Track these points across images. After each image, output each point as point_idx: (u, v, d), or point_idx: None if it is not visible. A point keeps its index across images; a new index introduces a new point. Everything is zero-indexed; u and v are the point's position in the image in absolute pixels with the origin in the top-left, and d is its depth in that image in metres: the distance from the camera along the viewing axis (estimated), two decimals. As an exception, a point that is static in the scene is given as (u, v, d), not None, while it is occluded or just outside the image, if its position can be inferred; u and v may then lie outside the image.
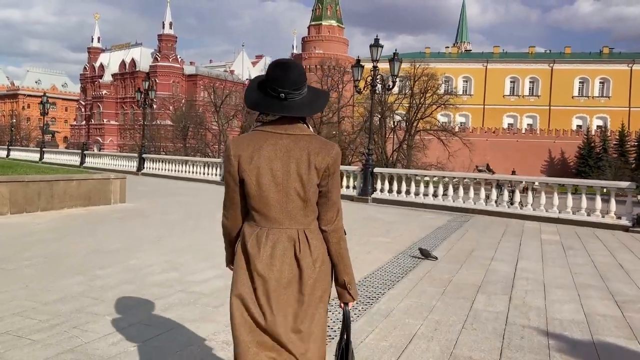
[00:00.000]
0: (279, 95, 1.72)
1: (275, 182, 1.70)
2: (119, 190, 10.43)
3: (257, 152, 1.71)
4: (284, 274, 1.72)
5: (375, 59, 13.55)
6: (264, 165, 1.70)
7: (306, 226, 1.76)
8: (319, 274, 1.76)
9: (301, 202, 1.72)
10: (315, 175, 1.71)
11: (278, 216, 1.73)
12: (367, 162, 13.73)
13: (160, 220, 8.58)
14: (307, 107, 1.76)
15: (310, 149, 1.71)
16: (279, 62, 1.77)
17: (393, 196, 13.29)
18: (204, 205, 11.06)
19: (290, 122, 1.75)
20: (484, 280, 5.29)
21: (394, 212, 11.49)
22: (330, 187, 1.76)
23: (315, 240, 1.76)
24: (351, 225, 9.06)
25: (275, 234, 1.73)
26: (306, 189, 1.71)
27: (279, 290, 1.72)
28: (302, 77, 1.75)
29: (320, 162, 1.71)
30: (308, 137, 1.74)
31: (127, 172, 22.20)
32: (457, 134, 47.62)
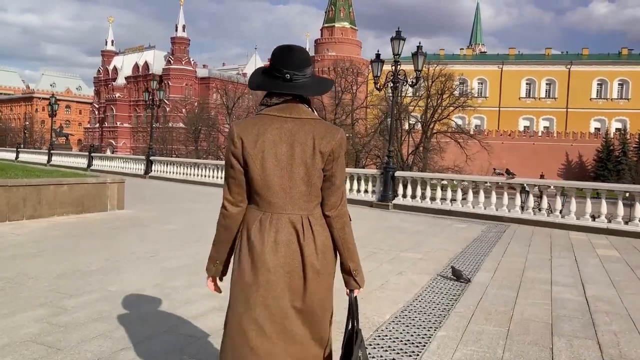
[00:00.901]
0: (283, 76, 1.71)
1: (279, 166, 1.68)
2: (117, 196, 9.48)
3: (262, 136, 1.68)
4: (287, 260, 1.69)
5: (396, 53, 12.46)
6: (268, 149, 1.67)
7: (310, 212, 1.73)
8: (322, 262, 1.73)
9: (305, 187, 1.70)
10: (319, 159, 1.68)
11: (281, 201, 1.70)
12: (388, 165, 12.64)
13: (158, 231, 7.59)
14: (311, 88, 1.73)
15: (315, 133, 1.69)
16: (284, 45, 1.76)
17: (416, 202, 12.16)
18: (209, 212, 10.04)
19: (295, 107, 1.71)
20: (553, 314, 4.17)
21: (420, 221, 10.37)
22: (334, 172, 1.73)
23: (318, 227, 1.73)
24: (374, 236, 7.98)
25: (278, 219, 1.70)
26: (310, 174, 1.69)
27: (284, 276, 1.69)
28: (306, 59, 1.75)
29: (325, 146, 1.68)
30: (313, 121, 1.71)
31: (135, 175, 21.43)
32: (475, 136, 46.27)
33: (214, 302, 4.04)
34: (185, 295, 4.20)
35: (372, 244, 7.18)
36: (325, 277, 1.75)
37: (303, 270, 1.70)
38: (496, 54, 77.95)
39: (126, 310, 3.76)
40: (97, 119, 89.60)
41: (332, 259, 1.78)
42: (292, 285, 1.70)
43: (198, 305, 3.95)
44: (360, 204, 12.87)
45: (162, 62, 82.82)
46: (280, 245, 1.69)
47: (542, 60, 71.82)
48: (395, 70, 12.49)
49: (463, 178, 11.95)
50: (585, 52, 71.36)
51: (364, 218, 10.32)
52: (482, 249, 7.21)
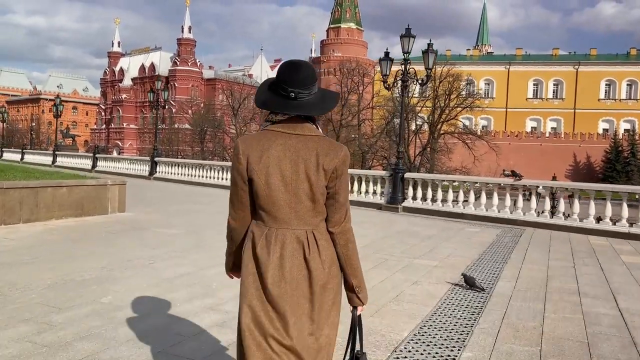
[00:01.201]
0: (289, 94, 1.71)
1: (284, 182, 1.69)
2: (118, 198, 9.17)
3: (267, 152, 1.69)
4: (293, 275, 1.69)
5: (406, 51, 12.07)
6: (273, 165, 1.69)
7: (315, 227, 1.73)
8: (329, 276, 1.73)
9: (310, 203, 1.70)
10: (323, 176, 1.69)
11: (287, 216, 1.70)
12: (397, 167, 12.25)
13: (159, 235, 7.25)
14: (316, 107, 1.74)
15: (319, 150, 1.69)
16: (289, 62, 1.77)
17: (427, 205, 11.76)
18: (212, 215, 9.73)
19: (299, 122, 1.73)
20: (588, 331, 3.78)
21: (431, 224, 9.98)
22: (337, 189, 1.73)
23: (323, 241, 1.73)
24: (385, 241, 7.60)
25: (284, 235, 1.71)
26: (314, 190, 1.69)
27: (290, 292, 1.69)
28: (311, 76, 1.74)
29: (328, 164, 1.68)
30: (317, 138, 1.72)
31: (139, 176, 21.17)
32: (483, 137, 45.75)
33: (215, 316, 3.70)
34: (183, 309, 3.86)
35: (383, 250, 6.81)
36: (330, 291, 1.75)
37: (309, 284, 1.71)
38: (503, 55, 77.39)
39: (118, 326, 3.42)
40: (104, 120, 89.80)
41: (338, 273, 1.78)
42: (299, 300, 1.71)
43: (198, 320, 3.60)
44: (369, 207, 12.49)
45: (169, 64, 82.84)
46: (286, 260, 1.69)
47: (549, 60, 71.31)
48: (405, 69, 12.10)
49: (476, 180, 11.53)
50: (593, 52, 70.81)
51: (373, 221, 9.95)
52: (500, 256, 6.82)
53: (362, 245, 7.22)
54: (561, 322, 3.96)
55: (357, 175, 13.54)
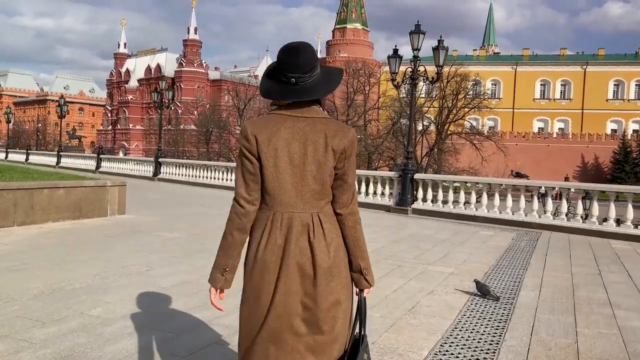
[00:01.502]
0: (289, 80, 1.69)
1: (292, 164, 1.68)
2: (117, 200, 8.85)
3: (275, 135, 1.67)
4: (296, 258, 1.67)
5: (416, 47, 11.68)
6: (281, 147, 1.67)
7: (320, 210, 1.71)
8: (334, 259, 1.71)
9: (317, 186, 1.69)
10: (332, 157, 1.68)
11: (292, 200, 1.69)
12: (406, 167, 11.85)
13: (159, 239, 6.91)
14: (319, 89, 1.72)
15: (327, 131, 1.68)
16: (288, 46, 1.73)
17: (437, 206, 11.35)
18: (215, 218, 9.39)
19: (305, 106, 1.72)
20: (628, 350, 3.39)
21: (442, 227, 9.58)
22: (346, 170, 1.72)
23: (329, 224, 1.72)
24: (397, 246, 7.21)
25: (289, 218, 1.69)
26: (322, 172, 1.69)
27: (290, 273, 1.67)
28: (312, 59, 1.71)
29: (337, 145, 1.68)
30: (325, 120, 1.71)
31: (143, 177, 20.92)
32: (492, 137, 45.24)
33: (215, 332, 3.34)
34: (180, 323, 3.51)
35: (395, 255, 6.44)
36: (337, 275, 1.72)
37: (313, 268, 1.68)
38: (510, 55, 76.75)
39: (105, 345, 3.07)
40: (110, 121, 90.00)
41: (344, 257, 1.76)
42: (304, 284, 1.69)
43: (195, 336, 3.25)
44: (377, 208, 12.11)
45: (174, 65, 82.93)
46: (290, 243, 1.68)
47: (556, 60, 70.70)
48: (414, 66, 11.70)
49: (489, 181, 11.10)
50: (601, 52, 70.10)
51: (382, 224, 9.57)
52: (518, 261, 6.42)
53: (372, 249, 6.88)
54: (597, 339, 3.57)
55: (364, 176, 13.16)
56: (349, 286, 1.76)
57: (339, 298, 1.71)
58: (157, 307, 3.87)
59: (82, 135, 64.38)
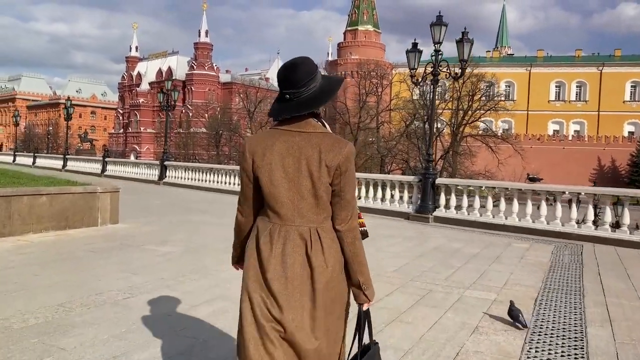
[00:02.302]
0: (284, 97, 1.72)
1: (287, 178, 1.69)
2: (110, 207, 8.01)
3: (270, 149, 1.71)
4: (296, 272, 1.68)
5: (437, 41, 10.71)
6: (275, 162, 1.70)
7: (319, 224, 1.72)
8: (332, 274, 1.71)
9: (313, 200, 1.69)
10: (325, 173, 1.68)
11: (290, 213, 1.70)
12: (427, 171, 10.86)
13: (150, 254, 6.03)
14: (314, 102, 1.73)
15: (322, 146, 1.69)
16: (284, 64, 1.76)
17: (462, 214, 10.34)
18: (218, 228, 8.51)
19: (302, 119, 1.73)
20: None
21: (470, 238, 8.59)
22: (343, 186, 1.72)
23: (328, 240, 1.72)
24: (424, 263, 6.20)
25: (287, 231, 1.71)
26: (317, 187, 1.68)
27: (292, 288, 1.68)
28: (306, 74, 1.72)
29: (330, 160, 1.68)
30: (321, 134, 1.72)
31: (149, 181, 20.17)
32: (509, 140, 43.98)
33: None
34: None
35: (423, 276, 5.47)
36: (332, 290, 1.72)
37: (311, 282, 1.69)
38: (524, 56, 75.63)
39: None
40: (122, 125, 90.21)
41: (341, 271, 1.76)
42: (300, 297, 1.69)
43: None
44: (395, 216, 11.13)
45: (186, 68, 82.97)
46: (288, 257, 1.69)
47: (572, 62, 69.55)
48: (435, 59, 10.72)
49: (520, 187, 10.03)
50: (617, 53, 68.79)
51: (403, 234, 8.59)
52: (569, 283, 5.42)
53: (396, 267, 5.81)
54: None
55: (380, 180, 12.20)
56: (343, 301, 1.79)
57: (336, 313, 1.74)
58: (127, 355, 2.96)
59: (93, 138, 64.49)
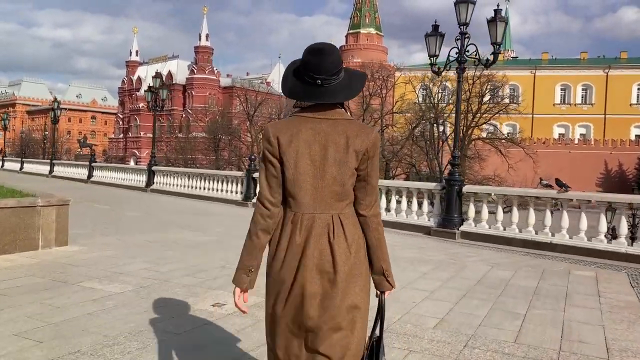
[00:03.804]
0: (315, 82, 1.69)
1: (313, 165, 1.68)
2: (55, 226, 6.24)
3: (296, 136, 1.69)
4: (318, 259, 1.68)
5: (463, 22, 8.93)
6: (302, 148, 1.68)
7: (340, 211, 1.72)
8: (355, 260, 1.71)
9: (337, 187, 1.69)
10: (354, 158, 1.68)
11: (313, 201, 1.69)
12: (453, 177, 9.05)
13: (80, 300, 4.22)
14: (343, 92, 1.72)
15: (349, 132, 1.69)
16: (314, 47, 1.72)
17: (496, 229, 8.51)
18: (194, 250, 6.73)
19: (328, 107, 1.72)
20: None
21: (514, 263, 6.77)
22: (369, 171, 1.73)
23: (350, 226, 1.72)
24: (473, 310, 4.01)
25: (310, 219, 1.69)
26: (343, 173, 1.68)
27: (313, 275, 1.67)
28: (338, 62, 1.71)
29: (359, 145, 1.68)
30: (346, 121, 1.72)
31: (136, 187, 18.43)
32: (520, 143, 42.25)
33: None
34: None
35: (481, 334, 3.64)
36: (358, 277, 1.72)
37: (334, 269, 1.68)
38: (528, 59, 74.53)
39: None
40: (122, 129, 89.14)
41: (364, 258, 1.75)
42: (324, 285, 1.68)
43: None
44: (413, 230, 9.33)
45: (186, 72, 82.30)
46: (311, 244, 1.68)
47: (577, 64, 68.40)
48: (461, 44, 8.95)
49: (589, 197, 8.09)
50: (623, 55, 67.54)
51: (429, 259, 6.74)
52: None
53: (437, 319, 3.73)
54: None
55: (395, 188, 10.42)
56: (368, 289, 1.76)
57: (358, 302, 1.71)
58: None
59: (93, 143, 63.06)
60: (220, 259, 5.95)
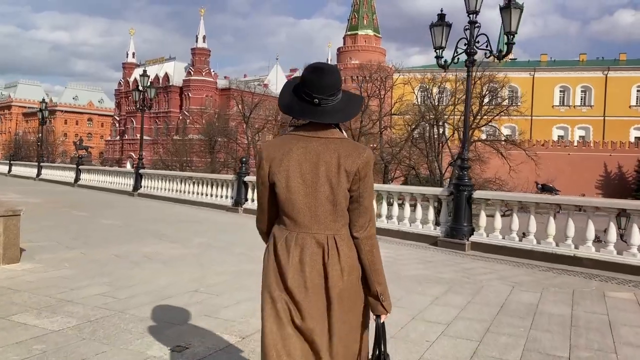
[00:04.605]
0: (312, 100, 1.69)
1: (304, 185, 1.67)
2: (3, 240, 5.32)
3: (287, 155, 1.69)
4: (314, 281, 1.66)
5: (473, 9, 8.05)
6: (293, 168, 1.68)
7: (336, 232, 1.69)
8: (347, 284, 1.68)
9: (330, 206, 1.67)
10: (345, 178, 1.66)
11: (306, 220, 1.68)
12: (462, 182, 8.15)
13: (14, 335, 3.31)
14: (340, 114, 1.72)
15: (341, 152, 1.67)
16: (315, 66, 1.72)
17: (511, 240, 7.59)
18: (164, 267, 5.81)
19: (323, 127, 1.71)
20: None
21: (537, 282, 5.86)
22: (361, 192, 1.69)
23: (345, 248, 1.69)
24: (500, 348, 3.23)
25: (303, 239, 1.68)
26: (336, 192, 1.66)
27: (309, 296, 1.66)
28: (337, 82, 1.71)
29: (350, 166, 1.66)
30: (339, 140, 1.70)
31: (123, 191, 17.49)
32: (521, 145, 41.49)
33: None
34: None
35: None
36: (351, 299, 1.70)
37: (326, 290, 1.66)
38: (527, 61, 74.24)
39: None
40: (118, 132, 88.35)
41: (358, 280, 1.72)
42: (319, 308, 1.66)
43: None
44: (417, 240, 8.42)
45: (183, 74, 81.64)
46: (305, 265, 1.66)
47: (576, 66, 68.17)
48: (470, 35, 8.06)
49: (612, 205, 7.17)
50: (622, 57, 67.36)
51: (440, 277, 5.81)
52: None
53: None
54: None
55: (397, 193, 9.53)
56: (361, 312, 1.74)
57: (352, 324, 1.70)
58: None
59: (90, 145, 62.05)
60: (194, 280, 5.04)
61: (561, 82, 66.45)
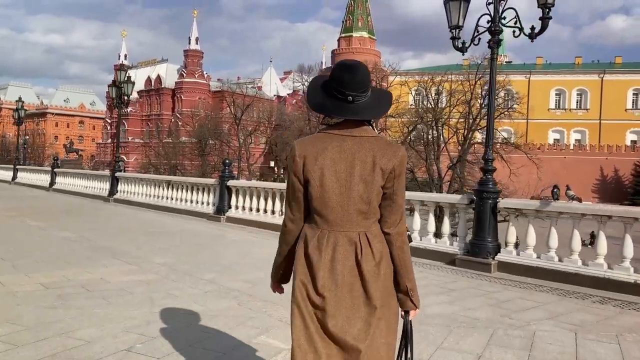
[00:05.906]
0: (346, 98, 1.69)
1: (338, 183, 1.68)
2: None
3: (322, 154, 1.70)
4: (345, 279, 1.66)
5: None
6: (328, 166, 1.68)
7: (367, 229, 1.71)
8: (382, 278, 1.69)
9: (363, 205, 1.68)
10: (380, 177, 1.67)
11: (339, 219, 1.68)
12: (486, 187, 6.68)
13: None
14: (373, 110, 1.73)
15: (376, 150, 1.69)
16: (345, 63, 1.74)
17: (549, 261, 6.11)
18: (113, 303, 4.34)
19: (356, 125, 1.72)
20: None
21: (604, 323, 4.41)
22: (395, 190, 1.71)
23: (377, 244, 1.71)
24: None
25: (336, 237, 1.69)
26: (370, 191, 1.67)
27: (342, 295, 1.66)
28: (367, 79, 1.73)
29: (385, 164, 1.67)
30: (373, 138, 1.72)
31: (98, 196, 15.91)
32: (522, 148, 40.33)
33: None
34: None
35: None
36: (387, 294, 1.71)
37: (363, 286, 1.67)
38: (523, 64, 74.06)
39: None
40: (110, 134, 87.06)
41: (392, 276, 1.73)
42: (353, 303, 1.66)
43: None
44: (431, 258, 6.93)
45: (175, 76, 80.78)
46: (338, 263, 1.67)
47: (572, 69, 67.89)
48: (494, 9, 6.64)
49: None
50: (618, 60, 67.13)
51: (464, 317, 4.29)
52: None
53: None
54: None
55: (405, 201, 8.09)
56: (395, 309, 1.74)
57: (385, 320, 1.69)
58: None
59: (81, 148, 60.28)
60: (133, 328, 3.54)
61: (557, 85, 66.20)
